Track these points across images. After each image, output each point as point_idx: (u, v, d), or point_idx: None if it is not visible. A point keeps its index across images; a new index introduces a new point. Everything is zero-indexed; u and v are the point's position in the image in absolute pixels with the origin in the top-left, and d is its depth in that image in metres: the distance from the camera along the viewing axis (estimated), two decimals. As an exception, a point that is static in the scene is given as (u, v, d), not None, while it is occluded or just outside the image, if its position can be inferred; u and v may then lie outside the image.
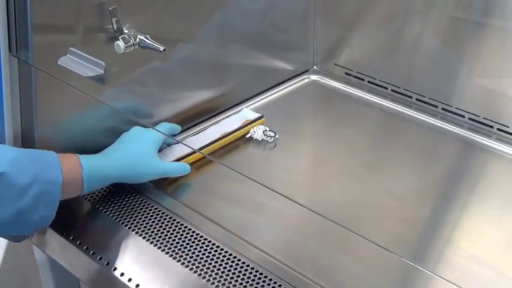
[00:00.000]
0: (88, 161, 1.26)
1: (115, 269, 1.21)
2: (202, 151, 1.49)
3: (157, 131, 1.41)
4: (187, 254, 1.21)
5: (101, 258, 1.24)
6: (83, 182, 1.24)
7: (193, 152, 1.46)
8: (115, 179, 1.33)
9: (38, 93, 1.29)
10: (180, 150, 1.47)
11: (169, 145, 1.49)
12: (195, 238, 1.24)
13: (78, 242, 1.28)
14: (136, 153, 1.36)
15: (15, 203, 1.13)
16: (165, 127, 1.48)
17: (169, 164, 1.42)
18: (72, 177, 1.22)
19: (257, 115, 1.60)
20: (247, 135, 1.56)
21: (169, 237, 1.25)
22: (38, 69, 1.24)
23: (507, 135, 1.55)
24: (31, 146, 1.33)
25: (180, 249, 1.22)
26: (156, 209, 1.32)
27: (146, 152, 1.36)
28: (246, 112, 1.63)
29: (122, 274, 1.20)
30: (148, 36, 1.34)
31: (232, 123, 1.58)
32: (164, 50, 1.33)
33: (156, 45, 1.33)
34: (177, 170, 1.41)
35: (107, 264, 1.22)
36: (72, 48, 1.28)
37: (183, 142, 1.50)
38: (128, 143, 1.37)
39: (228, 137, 1.55)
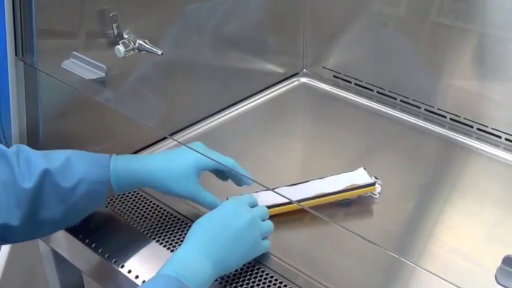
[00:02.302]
0: (118, 160, 1.21)
1: (115, 261, 1.21)
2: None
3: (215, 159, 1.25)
4: (184, 247, 1.21)
5: (102, 251, 1.24)
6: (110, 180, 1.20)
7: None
8: (144, 182, 1.24)
9: (43, 94, 1.30)
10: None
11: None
12: (192, 232, 1.25)
13: (80, 236, 1.28)
14: (169, 165, 1.23)
15: (64, 202, 1.14)
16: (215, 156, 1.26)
17: (202, 192, 1.24)
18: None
19: (370, 181, 1.36)
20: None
21: (167, 231, 1.26)
22: (43, 72, 1.24)
23: (486, 135, 1.56)
24: (36, 146, 1.33)
25: (177, 242, 1.22)
26: (154, 204, 1.33)
27: (181, 169, 1.22)
28: (359, 174, 1.38)
29: (122, 266, 1.20)
30: (147, 40, 1.34)
31: (335, 183, 1.35)
32: (162, 53, 1.33)
33: (154, 49, 1.33)
34: (209, 202, 1.24)
35: (108, 256, 1.23)
36: (75, 52, 1.28)
37: (274, 190, 1.24)
38: (170, 154, 1.26)
39: (324, 198, 1.33)
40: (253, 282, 1.14)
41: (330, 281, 1.16)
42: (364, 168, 1.38)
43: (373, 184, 1.35)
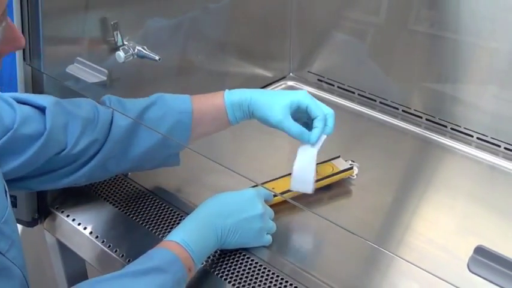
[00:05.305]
0: (232, 92, 1.31)
1: (116, 250, 1.22)
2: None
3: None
4: (180, 238, 1.22)
5: (103, 241, 1.24)
6: (226, 109, 1.28)
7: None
8: (252, 111, 1.30)
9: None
10: None
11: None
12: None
13: (84, 227, 1.28)
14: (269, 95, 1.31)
15: (155, 133, 1.20)
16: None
17: (290, 123, 1.28)
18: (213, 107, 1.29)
19: (348, 165, 1.40)
20: None
21: (164, 223, 1.26)
22: (49, 76, 1.24)
23: (459, 134, 1.57)
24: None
25: (173, 234, 1.23)
26: (153, 198, 1.33)
27: (277, 99, 1.28)
28: (337, 161, 1.41)
29: (122, 255, 1.20)
30: (145, 47, 1.34)
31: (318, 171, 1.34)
32: (159, 59, 1.33)
33: (152, 55, 1.34)
34: (296, 131, 1.28)
35: (109, 246, 1.23)
36: (78, 58, 1.28)
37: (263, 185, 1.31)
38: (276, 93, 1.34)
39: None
40: (243, 270, 1.15)
41: (314, 269, 1.16)
42: (339, 156, 1.41)
43: (351, 168, 1.40)
